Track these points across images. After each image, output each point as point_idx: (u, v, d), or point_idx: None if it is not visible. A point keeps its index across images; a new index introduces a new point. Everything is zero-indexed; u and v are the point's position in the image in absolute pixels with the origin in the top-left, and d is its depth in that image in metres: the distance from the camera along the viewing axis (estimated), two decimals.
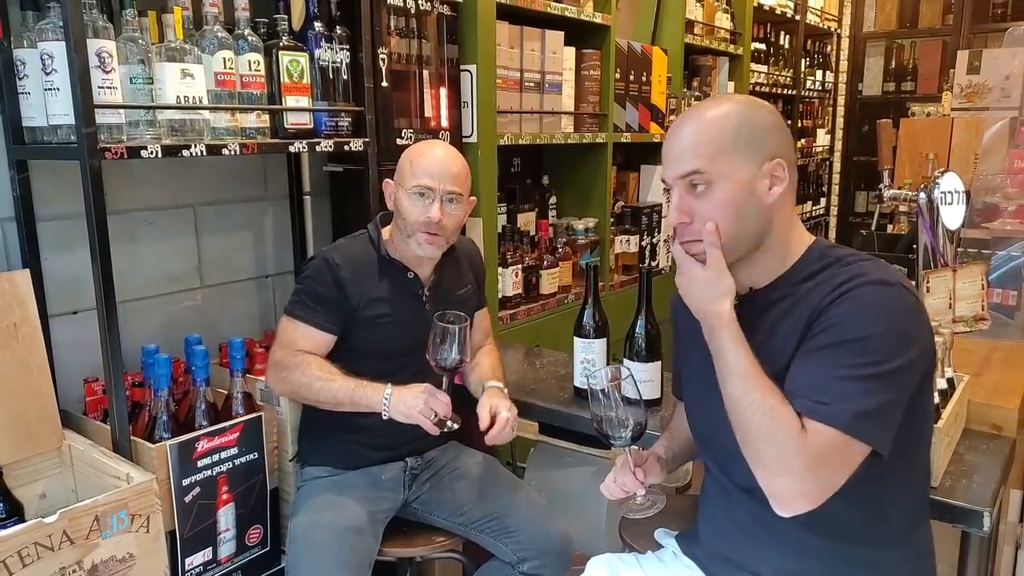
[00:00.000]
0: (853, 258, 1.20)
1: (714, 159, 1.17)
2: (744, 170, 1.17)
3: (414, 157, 1.74)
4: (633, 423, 1.32)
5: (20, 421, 1.59)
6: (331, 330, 1.72)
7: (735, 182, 1.17)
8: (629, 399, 1.33)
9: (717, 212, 1.17)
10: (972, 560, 1.40)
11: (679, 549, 1.44)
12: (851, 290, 1.12)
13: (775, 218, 1.20)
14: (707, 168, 1.17)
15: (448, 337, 1.60)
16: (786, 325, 1.19)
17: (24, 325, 1.60)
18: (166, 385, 1.69)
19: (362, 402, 1.65)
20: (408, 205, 1.71)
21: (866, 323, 1.09)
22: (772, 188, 1.19)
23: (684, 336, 1.42)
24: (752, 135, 1.18)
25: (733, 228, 1.18)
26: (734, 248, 1.19)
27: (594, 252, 3.11)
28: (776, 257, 1.23)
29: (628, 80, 3.16)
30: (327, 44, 1.94)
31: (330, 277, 1.71)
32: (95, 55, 1.49)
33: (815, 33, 5.45)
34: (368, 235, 1.82)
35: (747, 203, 1.18)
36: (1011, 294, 2.65)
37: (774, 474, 1.09)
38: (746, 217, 1.18)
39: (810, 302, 1.16)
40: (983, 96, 3.50)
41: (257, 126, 1.80)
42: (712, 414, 1.26)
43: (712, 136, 1.18)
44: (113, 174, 1.75)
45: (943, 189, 1.87)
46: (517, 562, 1.75)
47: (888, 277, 1.14)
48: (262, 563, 1.84)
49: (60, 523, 1.35)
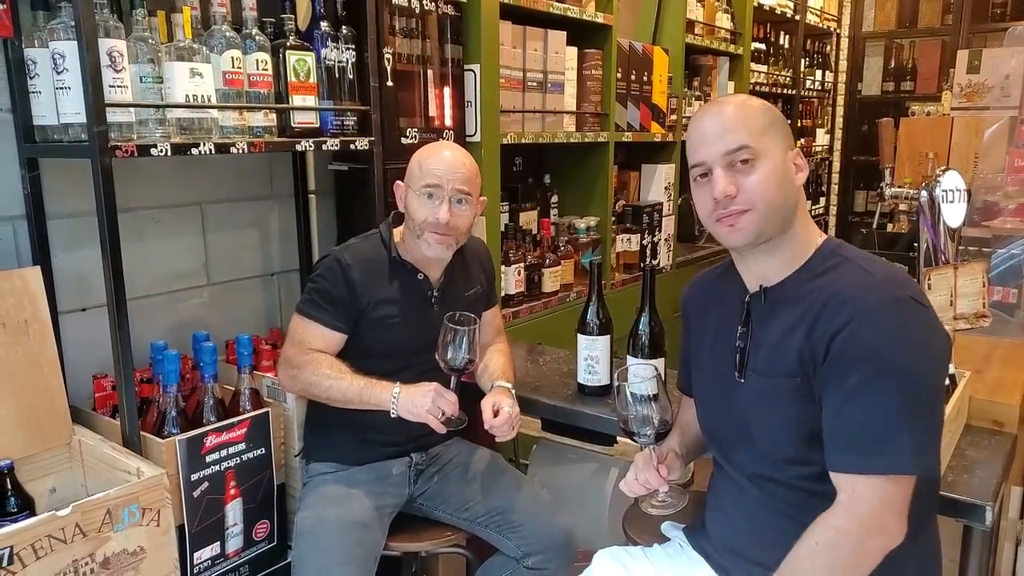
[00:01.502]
0: (863, 260, 1.22)
1: (759, 136, 1.21)
2: (781, 150, 1.23)
3: (423, 158, 1.75)
4: (659, 420, 1.34)
5: (31, 417, 1.61)
6: (341, 329, 1.74)
7: (777, 157, 1.22)
8: (655, 397, 1.34)
9: (764, 184, 1.21)
10: (974, 555, 1.42)
11: (686, 542, 1.45)
12: (871, 312, 1.13)
13: (798, 204, 1.25)
14: (754, 143, 1.21)
15: (457, 338, 1.62)
16: (798, 330, 1.20)
17: (35, 322, 1.61)
18: (175, 381, 1.70)
19: (371, 400, 1.67)
20: (417, 206, 1.72)
21: (897, 354, 1.11)
22: (798, 174, 1.25)
23: (694, 331, 1.44)
24: (780, 123, 1.25)
25: (778, 199, 1.22)
26: (771, 220, 1.22)
27: (596, 251, 3.12)
28: (792, 248, 1.26)
29: (629, 80, 3.18)
30: (333, 44, 1.95)
31: (341, 277, 1.73)
32: (106, 54, 1.50)
33: (815, 33, 5.46)
34: (380, 235, 1.82)
35: (785, 179, 1.23)
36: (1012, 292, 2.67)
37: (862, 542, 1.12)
38: (785, 193, 1.22)
39: (825, 311, 1.17)
40: (983, 95, 3.52)
41: (264, 125, 1.81)
42: (721, 407, 1.27)
43: (755, 116, 1.23)
44: (121, 172, 1.75)
45: (944, 187, 1.88)
46: (521, 557, 1.77)
47: (902, 292, 1.15)
48: (269, 558, 1.85)
49: (73, 516, 1.37)
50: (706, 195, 1.24)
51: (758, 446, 1.26)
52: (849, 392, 1.13)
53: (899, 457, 1.10)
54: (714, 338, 1.33)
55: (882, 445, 1.10)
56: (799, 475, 1.22)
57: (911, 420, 1.10)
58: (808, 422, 1.18)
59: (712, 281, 1.44)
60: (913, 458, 1.10)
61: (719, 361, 1.30)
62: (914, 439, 1.10)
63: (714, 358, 1.33)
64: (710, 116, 1.26)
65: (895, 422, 1.10)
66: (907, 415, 1.10)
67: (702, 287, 1.47)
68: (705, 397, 1.41)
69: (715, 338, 1.34)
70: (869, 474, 1.10)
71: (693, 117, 1.33)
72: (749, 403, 1.26)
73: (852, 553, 1.12)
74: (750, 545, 1.22)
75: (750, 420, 1.26)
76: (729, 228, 1.23)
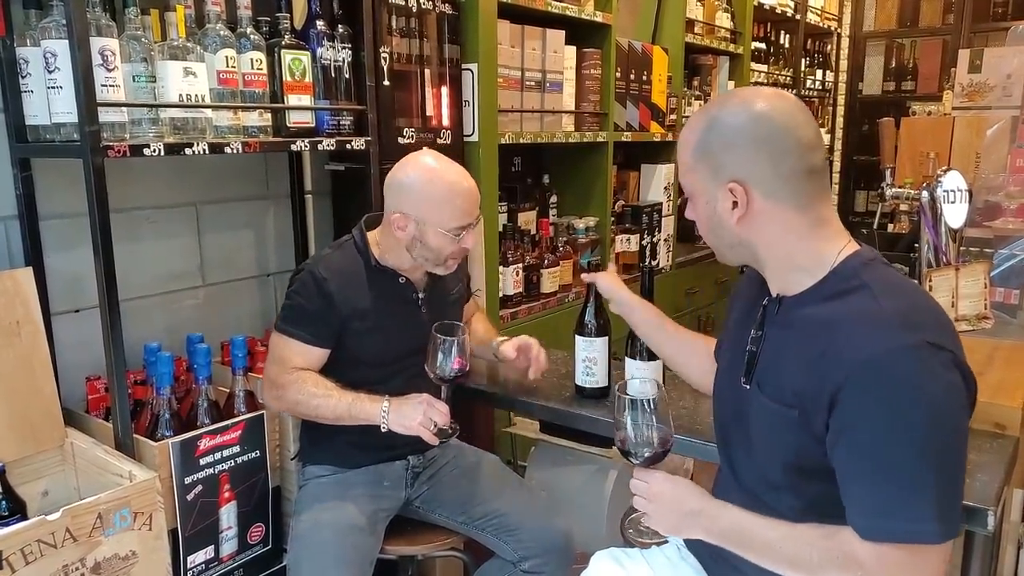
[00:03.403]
0: (881, 289, 1.10)
1: (686, 173, 1.20)
2: (709, 188, 1.16)
3: (452, 198, 1.65)
4: (659, 440, 1.23)
5: (23, 419, 1.59)
6: (323, 344, 1.70)
7: (702, 196, 1.18)
8: (660, 418, 1.23)
9: (699, 223, 1.20)
10: (976, 560, 1.40)
11: (683, 545, 1.44)
12: (873, 366, 1.03)
13: (754, 237, 1.16)
14: (684, 180, 1.21)
15: (446, 347, 1.61)
16: (799, 361, 1.13)
17: (27, 323, 1.60)
18: (168, 383, 1.69)
19: (361, 416, 1.64)
20: (443, 243, 1.67)
21: (910, 413, 1.02)
22: (733, 210, 1.14)
23: (727, 330, 1.41)
24: (709, 154, 1.15)
25: (714, 240, 1.21)
26: (729, 256, 1.21)
27: (595, 251, 3.11)
28: (801, 263, 1.16)
29: (629, 79, 3.16)
30: (329, 43, 1.94)
31: (315, 291, 1.67)
32: (98, 53, 1.49)
33: (815, 32, 5.45)
34: (354, 242, 1.77)
35: (712, 221, 1.18)
36: (1013, 293, 2.65)
37: None
38: (720, 236, 1.19)
39: (825, 356, 1.08)
40: (984, 95, 3.50)
41: (259, 124, 1.80)
42: (730, 407, 1.25)
43: (684, 152, 1.19)
44: (115, 172, 1.74)
45: (946, 187, 1.86)
46: (518, 560, 1.75)
47: (915, 337, 1.03)
48: (264, 561, 1.84)
49: (63, 520, 1.35)
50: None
51: (756, 462, 1.24)
52: (862, 457, 1.05)
53: (924, 525, 1.02)
54: (735, 336, 1.29)
55: (903, 512, 1.03)
56: (789, 505, 1.17)
57: (933, 482, 1.02)
58: (802, 453, 1.13)
59: (754, 277, 1.33)
60: (939, 525, 1.02)
61: (733, 359, 1.27)
62: (937, 503, 1.02)
63: (730, 358, 1.30)
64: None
65: (915, 487, 1.02)
66: (927, 478, 1.02)
67: (748, 281, 1.38)
68: (719, 390, 1.37)
69: (736, 337, 1.30)
70: (892, 543, 1.04)
71: None
72: (751, 414, 1.23)
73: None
74: (742, 559, 1.20)
75: (751, 431, 1.23)
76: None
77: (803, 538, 1.12)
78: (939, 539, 1.03)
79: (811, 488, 1.14)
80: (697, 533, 1.21)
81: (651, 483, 1.23)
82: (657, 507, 1.22)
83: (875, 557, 1.05)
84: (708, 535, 1.20)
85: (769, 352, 1.21)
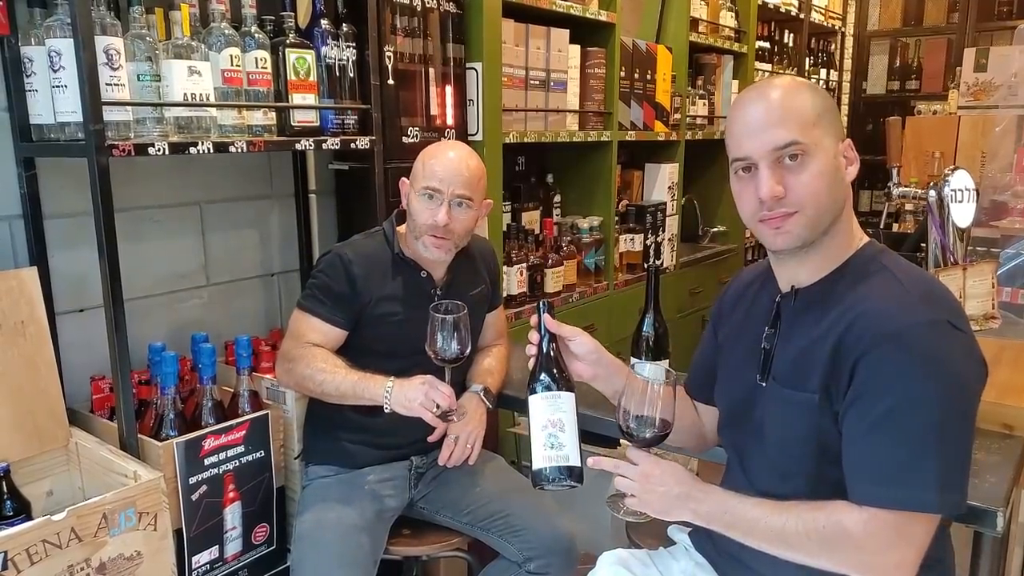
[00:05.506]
0: (903, 272, 1.15)
1: (809, 129, 1.13)
2: (832, 143, 1.15)
3: (426, 159, 1.72)
4: (660, 422, 1.24)
5: (27, 419, 1.59)
6: (341, 324, 1.72)
7: (828, 152, 1.14)
8: (665, 402, 1.24)
9: (814, 184, 1.13)
10: (985, 561, 1.39)
11: (692, 546, 1.43)
12: (900, 337, 1.06)
13: (847, 201, 1.18)
14: (804, 138, 1.12)
15: (446, 327, 1.57)
16: (824, 344, 1.14)
17: (31, 323, 1.60)
18: (173, 383, 1.68)
19: (364, 394, 1.64)
20: (417, 207, 1.70)
21: (927, 384, 1.04)
22: (848, 167, 1.17)
23: (722, 330, 1.39)
24: (830, 111, 1.17)
25: (827, 199, 1.14)
26: (820, 222, 1.15)
27: (598, 251, 3.10)
28: (831, 248, 1.19)
29: (633, 78, 3.15)
30: (333, 42, 1.93)
31: (342, 272, 1.71)
32: (103, 52, 1.48)
33: (819, 31, 5.43)
34: (383, 232, 1.81)
35: (836, 177, 1.15)
36: (1020, 292, 2.63)
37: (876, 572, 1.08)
38: (835, 192, 1.15)
39: (852, 329, 1.10)
40: (990, 94, 3.49)
41: (264, 123, 1.79)
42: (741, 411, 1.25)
43: (805, 105, 1.14)
44: (119, 172, 1.74)
45: (953, 187, 1.86)
46: (523, 561, 1.74)
47: (938, 315, 1.07)
48: (268, 562, 1.84)
49: (68, 521, 1.35)
50: (750, 193, 1.16)
51: (769, 456, 1.23)
52: (872, 423, 1.07)
53: (924, 494, 1.04)
54: (742, 338, 1.28)
55: (906, 477, 1.04)
56: (807, 492, 1.17)
57: (939, 454, 1.04)
58: (822, 437, 1.14)
59: (749, 280, 1.38)
60: (940, 496, 1.04)
61: (744, 362, 1.26)
62: (941, 475, 1.04)
63: (740, 359, 1.29)
64: (754, 104, 1.16)
65: (921, 455, 1.04)
66: (935, 449, 1.04)
67: (738, 286, 1.41)
68: (726, 401, 1.36)
69: (743, 338, 1.29)
70: (890, 508, 1.05)
71: (735, 102, 1.22)
72: (766, 410, 1.23)
73: (848, 563, 1.08)
74: (754, 556, 1.19)
75: (765, 427, 1.23)
76: (775, 231, 1.15)
77: (789, 511, 1.12)
78: (937, 509, 1.05)
79: (829, 473, 1.14)
80: (685, 515, 1.21)
81: (641, 463, 1.23)
82: (646, 488, 1.22)
83: (864, 523, 1.06)
84: (696, 516, 1.20)
85: (786, 344, 1.20)
